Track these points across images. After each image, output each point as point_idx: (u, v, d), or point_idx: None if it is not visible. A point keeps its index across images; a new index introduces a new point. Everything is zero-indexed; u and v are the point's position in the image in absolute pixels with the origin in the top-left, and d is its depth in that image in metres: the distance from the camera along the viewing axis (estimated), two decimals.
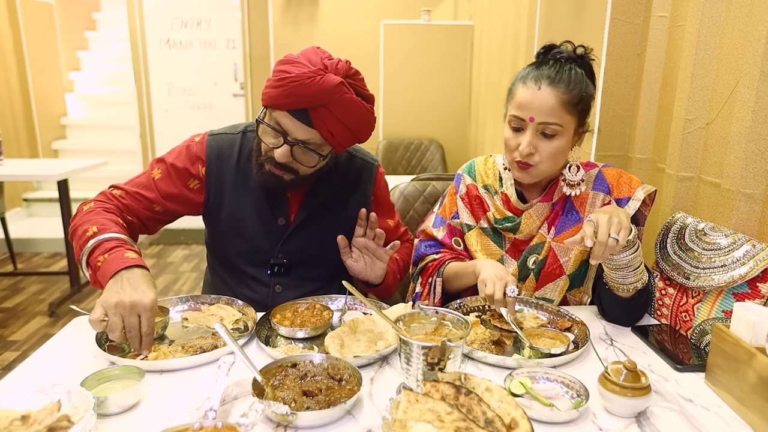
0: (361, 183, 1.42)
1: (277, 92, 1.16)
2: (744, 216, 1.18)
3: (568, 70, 1.21)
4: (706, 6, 1.28)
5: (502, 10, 3.15)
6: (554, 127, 1.20)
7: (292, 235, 1.36)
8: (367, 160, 1.45)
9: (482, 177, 1.40)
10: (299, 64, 1.16)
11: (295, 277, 1.39)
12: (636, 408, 0.88)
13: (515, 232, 1.33)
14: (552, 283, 1.32)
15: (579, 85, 1.21)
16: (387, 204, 1.50)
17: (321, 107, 1.15)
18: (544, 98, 1.18)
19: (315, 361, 0.98)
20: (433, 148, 4.30)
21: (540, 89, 1.19)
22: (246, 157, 1.35)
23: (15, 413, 0.79)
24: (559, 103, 1.18)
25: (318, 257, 1.39)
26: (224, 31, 4.98)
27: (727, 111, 1.25)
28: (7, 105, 4.64)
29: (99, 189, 1.36)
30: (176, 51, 5.00)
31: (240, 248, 1.39)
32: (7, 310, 3.35)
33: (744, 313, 0.93)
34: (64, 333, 1.16)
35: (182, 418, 0.87)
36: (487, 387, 0.81)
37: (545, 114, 1.19)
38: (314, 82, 1.13)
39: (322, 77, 1.14)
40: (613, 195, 1.29)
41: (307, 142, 1.20)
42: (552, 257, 1.31)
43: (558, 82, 1.19)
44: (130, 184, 1.33)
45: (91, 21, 6.05)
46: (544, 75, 1.20)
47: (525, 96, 1.20)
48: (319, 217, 1.37)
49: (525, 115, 1.20)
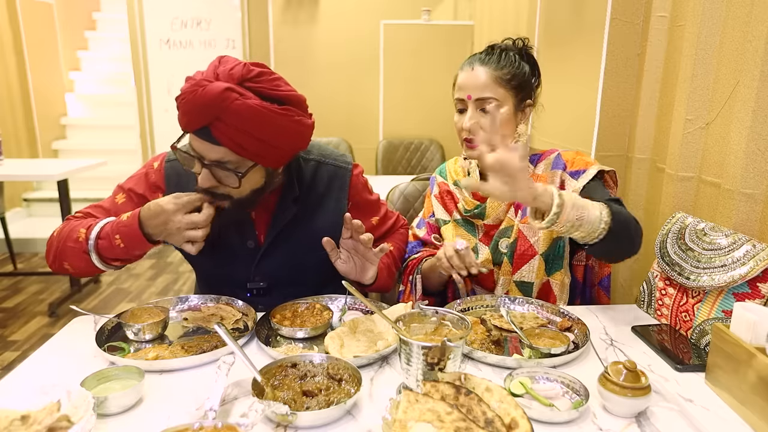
0: (332, 192, 1.35)
1: (179, 113, 1.09)
2: (744, 216, 1.18)
3: (499, 53, 1.32)
4: (706, 6, 1.28)
5: (502, 10, 3.15)
6: (490, 100, 1.28)
7: (265, 257, 1.31)
8: (339, 165, 1.37)
9: (452, 174, 1.50)
10: (190, 78, 1.08)
11: (277, 296, 1.30)
12: (636, 408, 0.88)
13: (483, 218, 1.39)
14: (527, 264, 1.35)
15: (510, 63, 1.30)
16: (367, 204, 1.43)
17: (216, 120, 1.04)
18: (476, 76, 1.29)
19: (315, 361, 0.98)
20: (433, 148, 4.30)
21: (473, 69, 1.31)
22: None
23: (15, 413, 0.79)
24: (491, 79, 1.28)
25: (296, 277, 1.34)
26: (224, 31, 4.98)
27: (727, 111, 1.25)
28: (7, 105, 4.64)
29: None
30: (176, 51, 5.00)
31: (215, 274, 1.37)
32: (7, 310, 3.35)
33: (744, 313, 0.93)
34: (64, 333, 1.16)
35: (182, 418, 0.87)
36: (487, 387, 0.81)
37: (479, 90, 1.28)
38: (197, 95, 1.04)
39: (204, 88, 1.03)
40: (568, 170, 1.34)
41: (221, 161, 1.09)
42: (522, 239, 1.35)
43: (488, 62, 1.30)
44: (93, 208, 1.29)
45: (91, 21, 6.05)
46: (477, 58, 1.32)
47: (462, 78, 1.32)
48: (290, 236, 1.30)
49: (463, 95, 1.31)
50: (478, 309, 1.30)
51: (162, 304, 1.25)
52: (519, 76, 1.31)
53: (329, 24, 4.43)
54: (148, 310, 1.19)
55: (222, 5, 4.93)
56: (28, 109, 4.92)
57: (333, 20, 4.41)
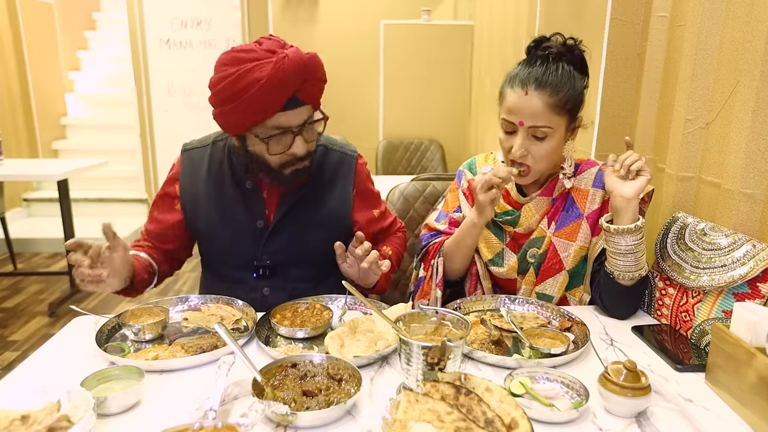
0: (339, 177, 1.41)
1: (254, 105, 1.14)
2: (744, 216, 1.18)
3: (555, 69, 1.21)
4: (706, 6, 1.28)
5: (502, 10, 3.15)
6: (544, 130, 1.22)
7: (272, 236, 1.36)
8: (346, 153, 1.43)
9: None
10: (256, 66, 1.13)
11: (281, 279, 1.39)
12: (636, 408, 0.88)
13: (515, 226, 1.35)
14: (552, 278, 1.33)
15: (566, 84, 1.21)
16: (371, 194, 1.48)
17: (304, 83, 1.17)
18: (531, 103, 1.20)
19: (315, 361, 0.98)
20: (433, 148, 4.30)
21: (527, 94, 1.20)
22: (217, 166, 1.36)
23: (15, 413, 0.79)
24: (547, 106, 1.20)
25: (302, 257, 1.39)
26: (224, 31, 4.98)
27: (727, 111, 1.25)
28: (7, 105, 4.64)
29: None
30: (176, 51, 5.00)
31: (223, 254, 1.40)
32: (7, 310, 3.35)
33: (744, 313, 0.93)
34: (64, 333, 1.16)
35: (182, 418, 0.87)
36: (487, 387, 0.81)
37: (534, 118, 1.21)
38: (285, 67, 1.12)
39: (286, 57, 1.13)
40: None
41: (307, 120, 1.22)
42: (552, 252, 1.32)
43: (544, 86, 1.19)
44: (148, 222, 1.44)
45: (91, 21, 6.05)
46: (531, 78, 1.20)
47: (513, 100, 1.22)
48: (298, 215, 1.36)
49: (515, 119, 1.22)
50: (477, 311, 1.30)
51: (162, 304, 1.25)
52: (574, 98, 1.23)
53: (329, 24, 4.43)
54: (148, 310, 1.19)
55: (222, 5, 4.93)
56: (28, 109, 4.92)
57: (333, 20, 4.41)
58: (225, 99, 1.16)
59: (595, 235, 1.31)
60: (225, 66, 1.16)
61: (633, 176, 1.19)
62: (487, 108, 3.54)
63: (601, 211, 1.31)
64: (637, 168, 1.19)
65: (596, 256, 1.31)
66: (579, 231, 1.31)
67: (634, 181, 1.19)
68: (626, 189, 1.19)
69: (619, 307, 1.26)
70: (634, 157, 1.20)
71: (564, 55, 1.24)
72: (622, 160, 1.21)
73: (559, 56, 1.24)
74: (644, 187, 1.19)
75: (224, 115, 1.20)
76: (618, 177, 1.21)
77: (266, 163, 1.26)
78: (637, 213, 1.20)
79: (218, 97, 1.17)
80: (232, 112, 1.17)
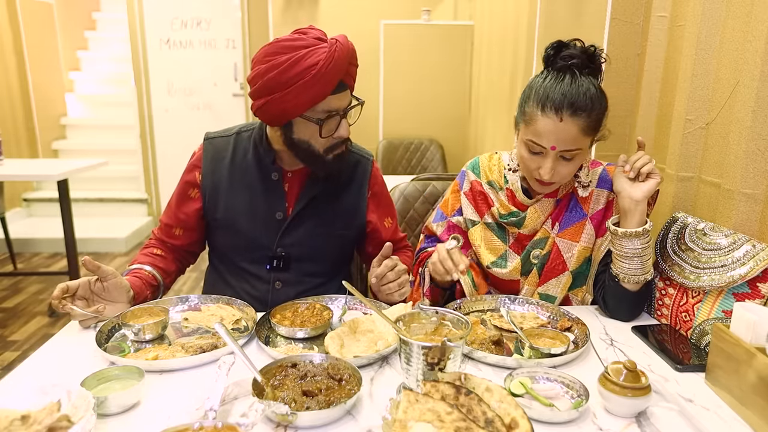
0: (356, 177, 1.45)
1: (313, 89, 1.18)
2: (744, 216, 1.18)
3: (586, 90, 1.16)
4: (706, 6, 1.28)
5: (502, 10, 3.14)
6: (575, 152, 1.19)
7: (290, 228, 1.38)
8: (363, 156, 1.48)
9: (486, 173, 1.40)
10: (309, 52, 1.17)
11: (294, 272, 1.40)
12: (636, 408, 0.88)
13: (519, 227, 1.34)
14: (555, 279, 1.33)
15: (597, 105, 1.17)
16: (386, 201, 1.52)
17: (350, 66, 1.24)
18: (566, 129, 1.16)
19: (315, 361, 0.98)
20: (433, 148, 4.30)
21: (562, 120, 1.15)
22: (241, 157, 1.39)
23: (15, 413, 0.79)
24: (580, 131, 1.16)
25: (316, 251, 1.41)
26: (224, 31, 4.98)
27: (727, 111, 1.25)
28: (7, 105, 4.64)
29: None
30: (176, 51, 5.00)
31: (239, 244, 1.41)
32: (7, 310, 3.35)
33: (744, 313, 0.93)
34: (64, 333, 1.16)
35: (182, 418, 0.87)
36: (487, 387, 0.81)
37: (567, 144, 1.17)
38: (339, 54, 1.18)
39: (338, 43, 1.19)
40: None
41: (349, 104, 1.28)
42: (555, 252, 1.32)
43: (579, 111, 1.15)
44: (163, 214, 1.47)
45: (91, 21, 6.05)
46: (566, 104, 1.14)
47: (546, 126, 1.16)
48: (316, 209, 1.39)
49: (546, 144, 1.18)
50: (476, 311, 1.30)
51: (162, 304, 1.25)
52: (602, 117, 1.20)
53: (329, 24, 4.42)
54: (148, 310, 1.19)
55: (222, 5, 4.93)
56: (28, 109, 4.91)
57: (333, 20, 4.41)
58: (274, 87, 1.18)
59: (599, 236, 1.31)
60: (272, 56, 1.19)
61: (643, 178, 1.19)
62: (486, 108, 3.54)
63: (606, 212, 1.31)
64: (648, 171, 1.18)
65: (601, 258, 1.30)
66: (583, 231, 1.31)
67: (643, 184, 1.19)
68: (635, 191, 1.19)
69: (622, 311, 1.26)
70: (644, 159, 1.19)
71: (586, 66, 1.20)
72: (633, 161, 1.20)
73: (582, 68, 1.19)
74: (654, 189, 1.19)
75: (273, 104, 1.21)
76: (627, 178, 1.20)
77: (312, 150, 1.28)
78: (644, 216, 1.20)
79: (266, 85, 1.19)
80: (282, 100, 1.19)
